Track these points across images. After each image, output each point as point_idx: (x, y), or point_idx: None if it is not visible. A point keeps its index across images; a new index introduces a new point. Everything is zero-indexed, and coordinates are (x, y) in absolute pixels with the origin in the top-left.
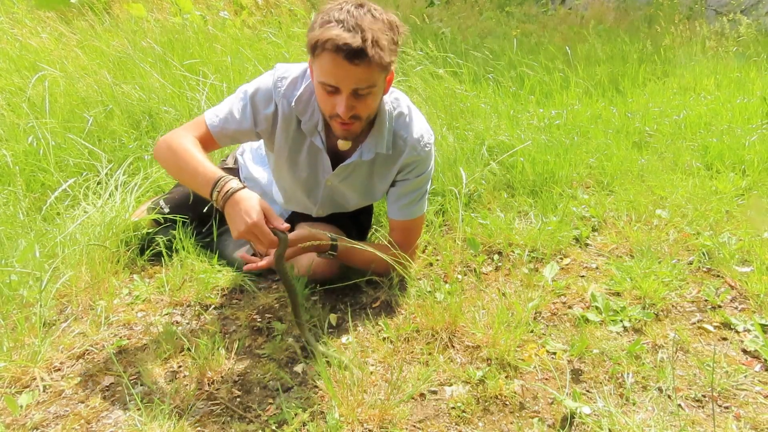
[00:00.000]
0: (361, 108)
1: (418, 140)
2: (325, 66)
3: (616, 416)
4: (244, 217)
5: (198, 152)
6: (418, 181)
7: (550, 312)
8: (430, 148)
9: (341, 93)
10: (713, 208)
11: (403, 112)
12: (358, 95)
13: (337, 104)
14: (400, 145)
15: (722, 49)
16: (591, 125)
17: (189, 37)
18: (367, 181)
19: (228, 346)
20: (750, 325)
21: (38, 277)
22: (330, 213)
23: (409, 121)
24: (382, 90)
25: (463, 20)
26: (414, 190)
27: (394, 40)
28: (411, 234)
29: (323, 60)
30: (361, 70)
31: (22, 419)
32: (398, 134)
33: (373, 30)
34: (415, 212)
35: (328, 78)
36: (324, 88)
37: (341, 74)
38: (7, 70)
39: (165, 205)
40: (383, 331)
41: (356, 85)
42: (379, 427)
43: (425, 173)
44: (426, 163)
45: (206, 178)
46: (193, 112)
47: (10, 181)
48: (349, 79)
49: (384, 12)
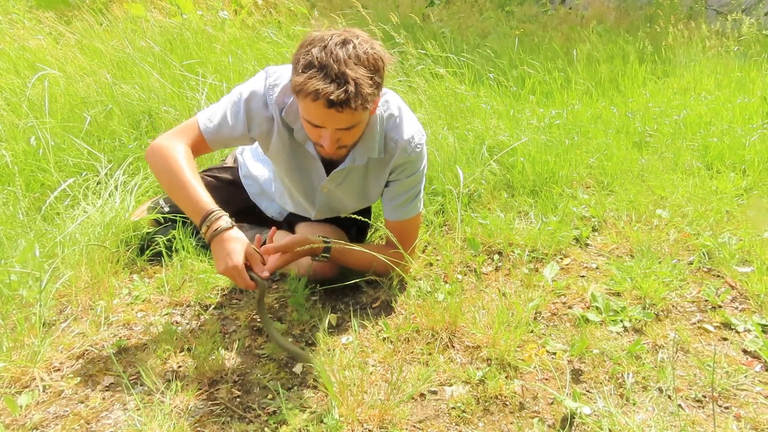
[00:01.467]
0: (347, 139)
1: (408, 141)
2: (308, 110)
3: (616, 416)
4: (226, 259)
5: (191, 172)
6: (411, 180)
7: (550, 312)
8: (422, 148)
9: (326, 129)
10: (713, 208)
11: (394, 114)
12: (343, 130)
13: (322, 138)
14: (391, 147)
15: (723, 48)
16: (591, 125)
17: (188, 37)
18: (362, 184)
19: (228, 346)
20: (750, 325)
21: (38, 277)
22: (329, 216)
23: (400, 123)
24: (367, 119)
25: (464, 20)
26: (407, 190)
27: (377, 81)
28: (407, 234)
29: (307, 105)
30: (345, 115)
31: (21, 419)
32: (389, 136)
33: (357, 78)
34: (409, 212)
35: (312, 119)
36: (309, 123)
37: (325, 119)
38: (7, 70)
39: (165, 205)
40: (383, 331)
41: (340, 126)
42: (379, 427)
43: (417, 173)
44: (417, 162)
45: (198, 208)
46: (192, 111)
47: (9, 181)
48: (333, 122)
49: (370, 44)
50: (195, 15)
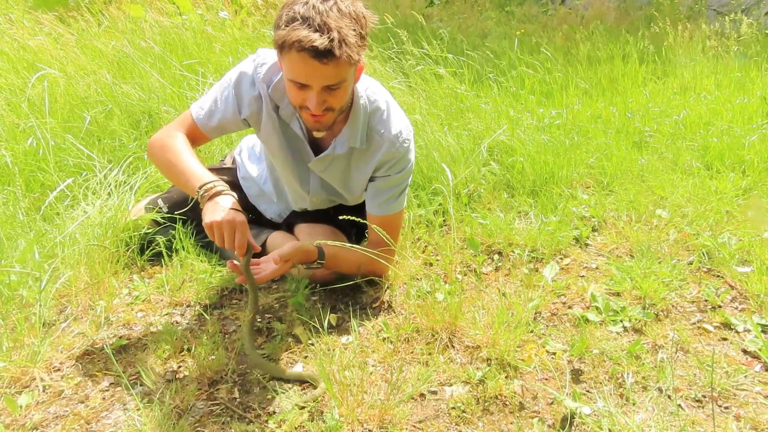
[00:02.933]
0: (333, 101)
1: (396, 136)
2: (293, 65)
3: (616, 416)
4: (220, 211)
5: (187, 152)
6: (399, 177)
7: (550, 312)
8: (409, 144)
9: (312, 89)
10: (713, 208)
11: (381, 108)
12: (329, 90)
13: (308, 99)
14: (377, 140)
15: (722, 48)
16: (591, 125)
17: (188, 37)
18: (345, 173)
19: (228, 346)
20: (750, 326)
21: (38, 278)
22: (326, 205)
23: (387, 117)
24: (353, 81)
25: (464, 20)
26: (394, 186)
27: (361, 34)
28: (390, 230)
29: (291, 59)
30: (330, 68)
31: (21, 419)
32: (375, 129)
33: (340, 28)
34: (394, 208)
35: (297, 76)
36: (294, 84)
37: (310, 73)
38: (6, 70)
39: (163, 205)
40: (383, 331)
41: (326, 83)
42: (378, 427)
43: (405, 169)
44: (405, 159)
45: (195, 179)
46: None
47: (9, 181)
48: (319, 77)
49: (351, 2)
50: (194, 15)
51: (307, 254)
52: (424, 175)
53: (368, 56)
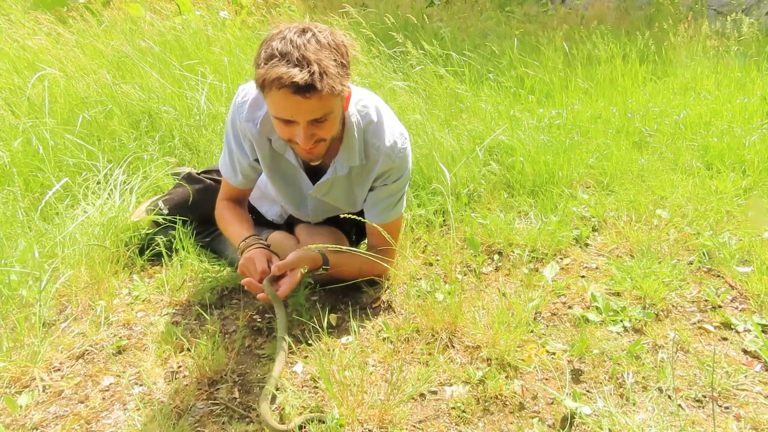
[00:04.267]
0: (322, 133)
1: (392, 147)
2: (276, 102)
3: (616, 416)
4: (245, 261)
5: (228, 220)
6: (396, 185)
7: (550, 312)
8: (405, 152)
9: (298, 124)
10: (713, 208)
11: (373, 120)
12: (317, 123)
13: (296, 135)
14: (373, 153)
15: (723, 48)
16: (591, 125)
17: (188, 37)
18: (348, 192)
19: (228, 346)
20: (750, 326)
21: (38, 277)
22: (326, 218)
23: (380, 127)
24: (341, 111)
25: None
26: (393, 193)
27: (343, 63)
28: (392, 235)
29: (273, 97)
30: (314, 101)
31: (21, 419)
32: (370, 143)
33: (320, 60)
34: (392, 215)
35: (281, 113)
36: (280, 121)
37: (294, 109)
38: (6, 71)
39: (164, 207)
40: (383, 331)
41: (312, 117)
42: (379, 427)
43: (403, 177)
44: (403, 167)
45: (234, 240)
46: (192, 111)
47: (9, 182)
48: (304, 112)
49: (329, 32)
50: (194, 15)
51: (313, 261)
52: (424, 175)
53: (369, 56)
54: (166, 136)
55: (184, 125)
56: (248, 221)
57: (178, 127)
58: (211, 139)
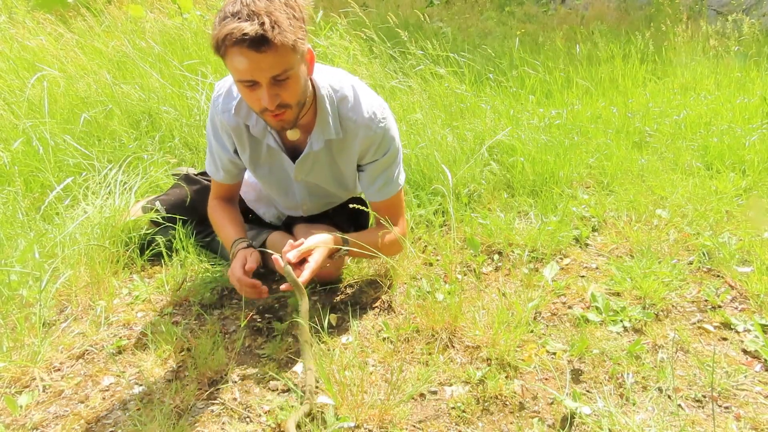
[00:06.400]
0: (286, 95)
1: (370, 119)
2: (234, 63)
3: (616, 416)
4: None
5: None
6: (387, 158)
7: (550, 312)
8: (386, 122)
9: (261, 85)
10: (713, 208)
11: (347, 95)
12: (278, 82)
13: (261, 98)
14: (351, 128)
15: (723, 48)
16: (591, 125)
17: (188, 37)
18: (333, 168)
19: (228, 346)
20: (750, 326)
21: (38, 277)
22: (320, 209)
23: (356, 102)
24: (305, 72)
25: (464, 20)
26: (385, 169)
27: (296, 16)
28: (395, 210)
29: (231, 57)
30: (270, 56)
31: (21, 419)
32: (347, 117)
33: (270, 12)
34: (393, 189)
35: (242, 75)
36: (243, 85)
37: (252, 66)
38: (6, 71)
39: (161, 207)
40: (383, 331)
41: (271, 73)
42: (379, 427)
43: (391, 149)
44: (387, 138)
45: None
46: (192, 111)
47: (9, 182)
48: (262, 69)
49: None
50: (195, 15)
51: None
52: (425, 175)
53: (369, 56)
54: (166, 136)
55: (184, 125)
56: (236, 221)
57: (178, 127)
58: None
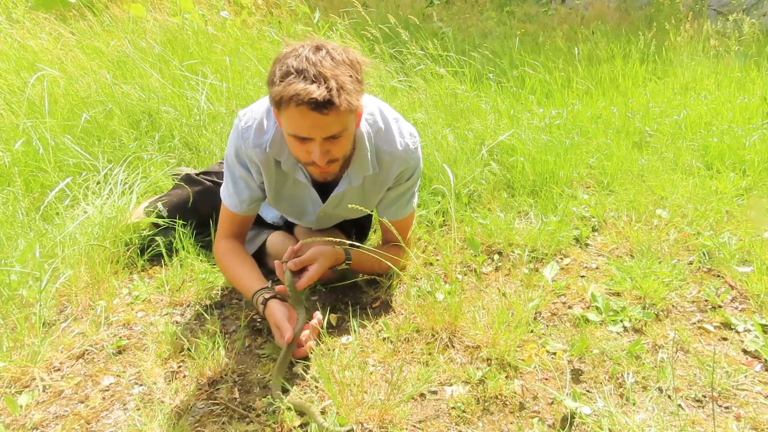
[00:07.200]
0: (336, 151)
1: (405, 151)
2: (293, 120)
3: (616, 416)
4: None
5: (234, 267)
6: (410, 182)
7: (550, 312)
8: (417, 151)
9: (314, 141)
10: (713, 208)
11: (381, 127)
12: (331, 139)
13: (311, 152)
14: (386, 160)
15: (723, 48)
16: (591, 125)
17: (189, 36)
18: (362, 199)
19: (228, 346)
20: (750, 325)
21: (38, 277)
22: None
23: (388, 133)
24: (354, 128)
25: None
26: (404, 193)
27: (358, 79)
28: (404, 231)
29: (290, 114)
30: (331, 118)
31: (21, 419)
32: (382, 150)
33: (336, 76)
34: (406, 211)
35: (298, 131)
36: (295, 138)
37: (311, 125)
38: (6, 71)
39: (163, 209)
40: (383, 331)
41: (328, 133)
42: (378, 427)
43: (415, 174)
44: (415, 166)
45: (247, 292)
46: (192, 111)
47: (9, 182)
48: (320, 128)
49: (343, 50)
50: (196, 15)
51: (334, 255)
52: (425, 175)
53: (370, 56)
54: (166, 136)
55: (184, 125)
56: (253, 267)
57: (178, 127)
58: (211, 139)
